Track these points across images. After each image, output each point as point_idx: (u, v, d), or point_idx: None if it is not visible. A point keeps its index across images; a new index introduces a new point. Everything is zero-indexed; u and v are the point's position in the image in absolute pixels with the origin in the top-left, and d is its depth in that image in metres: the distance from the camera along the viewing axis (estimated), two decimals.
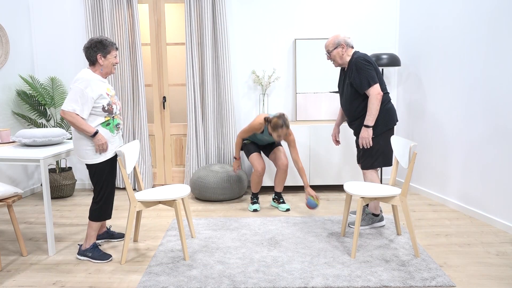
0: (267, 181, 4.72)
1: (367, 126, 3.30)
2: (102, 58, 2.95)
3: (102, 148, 2.94)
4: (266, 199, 4.55)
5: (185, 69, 5.14)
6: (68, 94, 2.87)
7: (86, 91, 2.84)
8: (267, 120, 3.86)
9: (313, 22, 4.94)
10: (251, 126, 3.97)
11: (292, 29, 4.94)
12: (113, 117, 3.04)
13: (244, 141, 4.17)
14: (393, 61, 4.51)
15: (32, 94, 4.74)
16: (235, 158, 4.24)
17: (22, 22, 4.83)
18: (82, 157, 2.99)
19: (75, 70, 5.00)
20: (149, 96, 5.17)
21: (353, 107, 3.42)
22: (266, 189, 4.95)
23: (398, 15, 4.92)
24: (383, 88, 3.39)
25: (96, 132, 2.90)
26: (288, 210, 4.11)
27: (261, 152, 4.37)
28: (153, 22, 4.97)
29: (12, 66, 4.67)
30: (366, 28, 4.94)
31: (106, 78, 3.06)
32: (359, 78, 3.27)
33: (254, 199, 4.21)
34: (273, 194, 4.48)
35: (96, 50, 2.93)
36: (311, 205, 3.75)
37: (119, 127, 3.10)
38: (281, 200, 4.22)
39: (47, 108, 4.81)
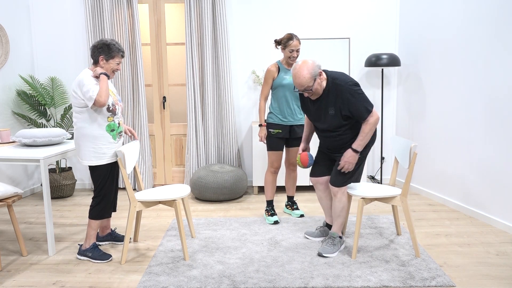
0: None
1: (356, 151, 2.92)
2: (104, 61, 2.96)
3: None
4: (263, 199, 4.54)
5: (185, 69, 5.14)
6: (84, 90, 2.84)
7: (94, 80, 2.89)
8: (277, 42, 3.66)
9: (313, 22, 4.94)
10: (265, 75, 3.69)
11: (292, 29, 4.94)
12: (118, 122, 3.05)
13: (273, 133, 3.72)
14: (393, 61, 4.51)
15: (32, 94, 4.74)
16: (260, 125, 3.77)
17: (22, 22, 4.83)
18: (82, 158, 3.00)
19: (75, 70, 5.00)
20: (149, 96, 5.17)
21: (338, 135, 3.01)
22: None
23: (398, 15, 4.92)
24: None
25: (105, 73, 2.92)
26: (302, 216, 3.93)
27: (281, 149, 3.84)
28: (153, 22, 4.97)
29: (12, 66, 4.67)
30: (366, 28, 4.94)
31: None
32: (355, 106, 2.85)
33: (271, 210, 3.85)
34: (286, 200, 4.24)
35: (101, 51, 2.94)
36: (310, 164, 3.21)
37: (121, 135, 3.12)
38: (294, 207, 4.01)
39: (47, 108, 4.81)
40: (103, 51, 2.94)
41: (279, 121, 3.72)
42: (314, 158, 3.27)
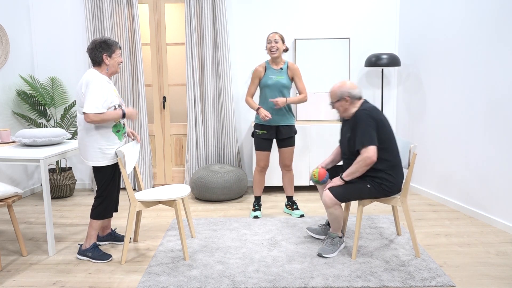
0: (271, 181, 4.72)
1: (342, 179, 2.97)
2: (108, 58, 2.97)
3: (136, 116, 3.09)
4: (267, 199, 4.54)
5: (185, 69, 5.14)
6: (86, 96, 2.84)
7: (103, 90, 2.88)
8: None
9: (313, 22, 4.94)
10: (252, 75, 3.80)
11: (292, 29, 4.94)
12: (123, 123, 3.07)
13: (258, 133, 3.82)
14: (393, 61, 4.51)
15: (32, 94, 4.74)
16: (257, 109, 3.73)
17: (22, 22, 4.83)
18: (87, 159, 2.99)
19: (75, 70, 5.00)
20: (149, 96, 5.17)
21: (351, 159, 3.02)
22: (267, 189, 4.95)
23: (398, 15, 4.92)
24: (393, 150, 2.94)
25: (125, 113, 2.99)
26: (302, 216, 3.93)
27: (268, 149, 3.90)
28: (153, 22, 4.97)
29: (12, 66, 4.67)
30: (366, 28, 4.94)
31: (111, 78, 3.08)
32: (356, 133, 2.90)
33: (256, 205, 4.00)
34: (286, 200, 4.23)
35: (101, 50, 2.94)
36: (324, 181, 3.14)
37: (125, 136, 3.15)
38: (294, 207, 4.01)
39: (47, 108, 4.81)
40: (104, 49, 2.95)
41: (265, 121, 3.78)
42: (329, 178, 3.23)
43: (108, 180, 3.05)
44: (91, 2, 4.75)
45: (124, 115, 2.99)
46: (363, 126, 2.87)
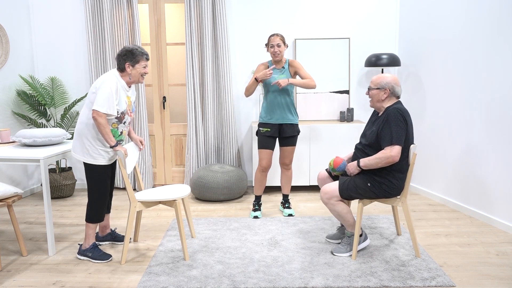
0: (273, 181, 4.72)
1: (359, 166, 2.97)
2: (130, 67, 2.96)
3: (124, 154, 3.01)
4: (267, 199, 4.55)
5: (185, 69, 5.14)
6: (98, 94, 2.85)
7: (114, 93, 2.88)
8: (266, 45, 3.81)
9: (313, 22, 4.94)
10: (256, 70, 3.86)
11: (292, 29, 4.94)
12: (121, 131, 3.05)
13: (262, 131, 3.84)
14: (393, 61, 4.51)
15: (32, 94, 4.74)
16: (256, 79, 3.70)
17: (22, 22, 4.83)
18: (75, 152, 3.00)
19: (75, 70, 5.00)
20: (149, 96, 5.17)
21: (365, 152, 3.03)
22: (268, 189, 4.95)
23: (398, 15, 4.92)
24: (405, 155, 2.94)
25: (116, 145, 2.95)
26: (290, 215, 3.96)
27: (271, 148, 3.90)
28: (153, 22, 4.97)
29: (12, 66, 4.67)
30: (366, 28, 4.94)
31: (130, 86, 3.07)
32: (385, 130, 2.89)
33: (256, 205, 4.01)
34: (281, 197, 4.29)
35: (126, 58, 2.95)
36: (340, 169, 3.12)
37: (120, 144, 3.10)
38: (286, 205, 4.06)
39: (47, 108, 4.81)
40: (128, 57, 2.95)
41: (268, 120, 3.83)
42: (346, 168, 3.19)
43: (96, 182, 3.01)
44: (91, 2, 4.75)
45: (114, 145, 2.94)
46: (396, 124, 2.86)
